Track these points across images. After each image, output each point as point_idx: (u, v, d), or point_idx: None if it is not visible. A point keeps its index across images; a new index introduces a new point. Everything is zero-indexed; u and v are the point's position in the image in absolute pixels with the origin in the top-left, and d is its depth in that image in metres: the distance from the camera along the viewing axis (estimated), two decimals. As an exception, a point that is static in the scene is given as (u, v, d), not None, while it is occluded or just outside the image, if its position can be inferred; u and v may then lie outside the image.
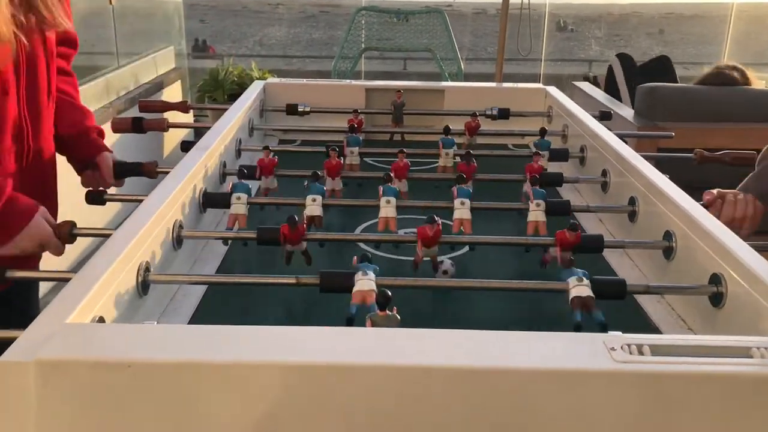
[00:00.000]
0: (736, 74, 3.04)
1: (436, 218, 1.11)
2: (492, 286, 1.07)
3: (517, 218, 1.36)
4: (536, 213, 1.25)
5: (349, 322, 0.91)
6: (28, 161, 1.24)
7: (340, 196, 1.44)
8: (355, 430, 0.68)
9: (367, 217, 1.40)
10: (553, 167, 1.61)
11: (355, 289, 0.96)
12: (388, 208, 1.24)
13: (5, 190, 1.12)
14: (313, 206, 1.27)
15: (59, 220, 1.22)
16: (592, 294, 0.96)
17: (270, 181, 1.46)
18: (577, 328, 0.92)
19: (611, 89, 3.65)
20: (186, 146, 1.70)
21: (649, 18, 8.78)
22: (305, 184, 1.32)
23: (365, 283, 0.96)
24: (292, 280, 1.02)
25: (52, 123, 1.33)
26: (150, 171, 1.49)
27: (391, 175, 1.33)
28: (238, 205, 1.27)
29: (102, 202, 1.41)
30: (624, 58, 3.67)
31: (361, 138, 1.65)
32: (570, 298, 0.97)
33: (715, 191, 1.41)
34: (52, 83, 1.29)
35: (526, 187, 1.35)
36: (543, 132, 1.67)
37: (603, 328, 0.91)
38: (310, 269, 1.11)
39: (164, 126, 1.77)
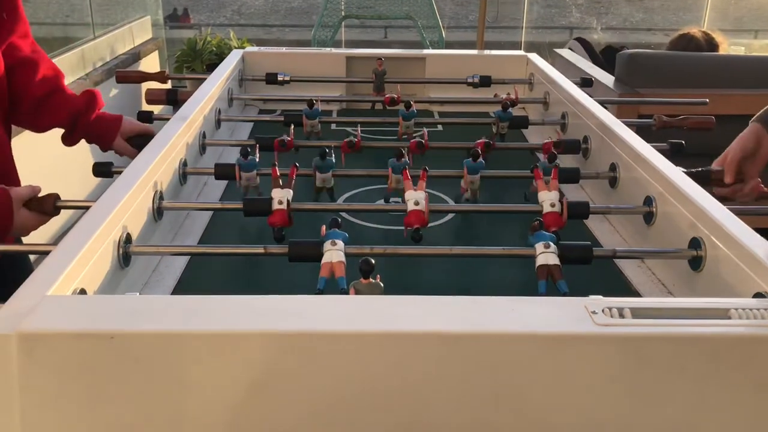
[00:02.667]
0: (700, 39, 3.05)
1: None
2: (461, 253, 1.08)
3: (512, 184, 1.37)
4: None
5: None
6: None
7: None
8: (341, 398, 0.69)
9: (353, 187, 1.40)
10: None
11: (323, 260, 0.94)
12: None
13: None
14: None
15: None
16: (558, 262, 0.95)
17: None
18: None
19: None
20: (142, 116, 1.69)
21: (630, -16, 8.76)
22: (313, 167, 1.28)
23: (334, 254, 0.94)
24: (260, 250, 1.01)
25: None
26: None
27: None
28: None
29: (109, 175, 1.35)
30: (584, 42, 3.64)
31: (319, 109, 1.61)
32: (536, 267, 0.96)
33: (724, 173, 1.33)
34: None
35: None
36: (505, 106, 1.65)
37: None
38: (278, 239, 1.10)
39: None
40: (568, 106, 1.67)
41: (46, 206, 1.12)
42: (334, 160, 1.29)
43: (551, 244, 0.97)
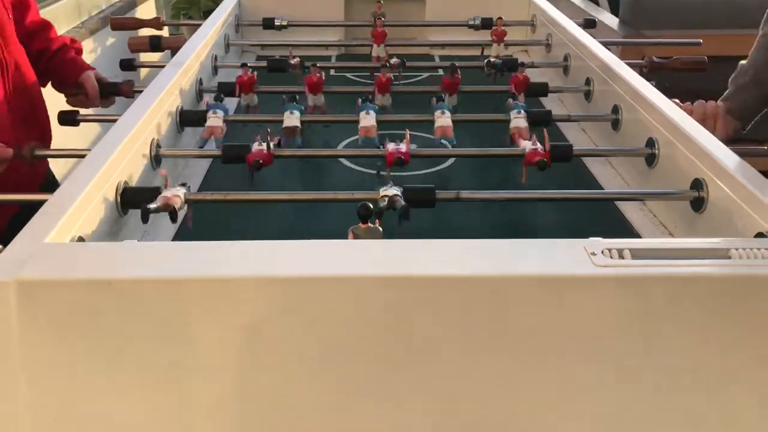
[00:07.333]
0: None
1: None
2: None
3: (502, 129, 1.35)
4: (518, 120, 1.23)
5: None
6: (10, 75, 1.26)
7: (324, 111, 1.41)
8: (341, 341, 0.69)
9: (350, 134, 1.38)
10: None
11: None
12: (367, 118, 1.22)
13: None
14: (292, 118, 1.24)
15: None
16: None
17: (250, 98, 1.43)
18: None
19: None
20: (125, 64, 1.67)
21: None
22: (283, 102, 1.29)
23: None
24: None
25: (17, 40, 1.32)
26: (127, 91, 1.48)
27: (375, 92, 1.30)
28: (215, 119, 1.24)
29: (75, 123, 1.38)
30: None
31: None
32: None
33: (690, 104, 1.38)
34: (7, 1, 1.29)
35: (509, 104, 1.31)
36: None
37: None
38: None
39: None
40: (571, 48, 1.64)
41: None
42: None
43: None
